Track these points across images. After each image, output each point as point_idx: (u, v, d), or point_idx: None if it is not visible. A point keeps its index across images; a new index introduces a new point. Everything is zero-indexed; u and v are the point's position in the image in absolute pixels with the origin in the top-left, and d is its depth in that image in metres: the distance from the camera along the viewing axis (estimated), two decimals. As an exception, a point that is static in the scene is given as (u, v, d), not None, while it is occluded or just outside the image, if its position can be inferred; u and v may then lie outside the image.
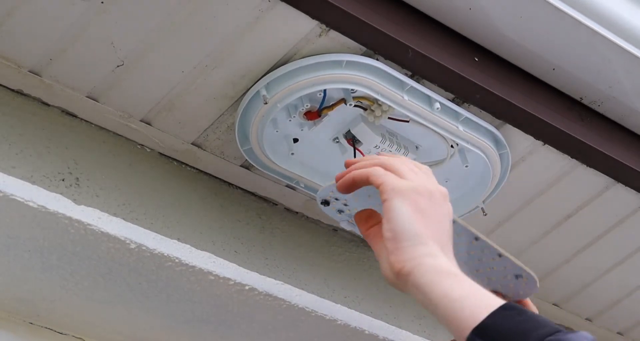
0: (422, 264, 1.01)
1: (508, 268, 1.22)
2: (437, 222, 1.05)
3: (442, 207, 1.07)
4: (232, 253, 1.31)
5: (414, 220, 1.04)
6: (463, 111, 1.29)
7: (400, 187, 1.05)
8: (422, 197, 1.05)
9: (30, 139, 1.21)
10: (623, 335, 1.71)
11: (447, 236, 1.06)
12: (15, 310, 1.24)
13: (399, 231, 1.04)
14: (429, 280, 1.00)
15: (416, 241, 1.03)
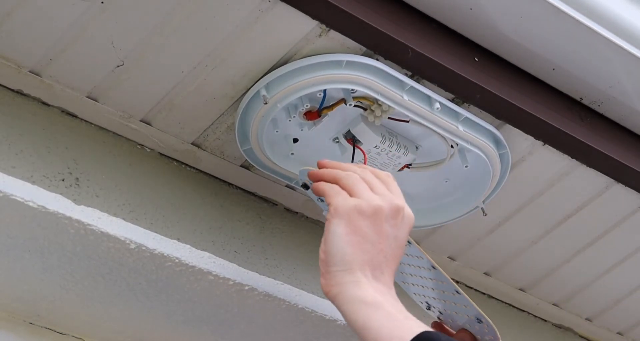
0: (345, 291, 1.03)
1: (468, 309, 1.21)
2: (377, 242, 1.06)
3: (390, 224, 1.08)
4: (232, 253, 1.31)
5: (347, 245, 1.05)
6: (463, 111, 1.29)
7: (342, 208, 1.07)
8: (364, 217, 1.06)
9: (30, 139, 1.21)
10: (623, 335, 1.71)
11: (389, 255, 1.07)
12: (15, 310, 1.24)
13: (330, 255, 1.06)
14: (349, 308, 1.02)
15: (344, 267, 1.04)
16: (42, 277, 1.20)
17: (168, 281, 1.22)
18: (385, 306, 1.02)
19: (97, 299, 1.24)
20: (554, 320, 1.67)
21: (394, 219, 1.08)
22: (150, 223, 1.25)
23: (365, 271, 1.05)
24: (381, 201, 1.08)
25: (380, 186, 1.11)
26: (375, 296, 1.03)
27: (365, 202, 1.07)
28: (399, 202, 1.09)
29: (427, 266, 1.19)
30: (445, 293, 1.24)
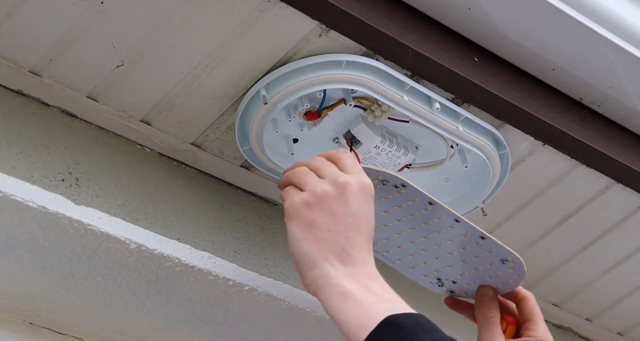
0: (319, 288, 1.05)
1: (493, 253, 1.22)
2: (332, 226, 1.07)
3: (340, 202, 1.08)
4: (232, 253, 1.31)
5: (304, 242, 1.06)
6: (463, 111, 1.29)
7: (290, 208, 1.08)
8: (312, 208, 1.07)
9: (30, 139, 1.21)
10: (623, 335, 1.71)
11: (351, 232, 1.07)
12: (15, 310, 1.24)
13: (295, 256, 1.07)
14: (325, 304, 1.04)
15: (310, 264, 1.06)
16: (42, 277, 1.20)
17: (168, 282, 1.22)
18: (355, 294, 1.03)
19: (97, 299, 1.24)
20: (554, 320, 1.67)
21: (342, 196, 1.08)
22: (150, 223, 1.25)
23: (330, 260, 1.06)
24: (325, 184, 1.09)
25: (327, 168, 1.11)
26: (344, 285, 1.04)
27: (309, 193, 1.08)
28: (342, 178, 1.09)
29: (448, 220, 1.19)
30: (467, 250, 1.23)
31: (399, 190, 1.18)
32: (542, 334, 1.24)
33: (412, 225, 1.23)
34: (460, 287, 1.28)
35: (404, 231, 1.24)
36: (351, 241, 1.07)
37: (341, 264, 1.06)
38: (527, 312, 1.25)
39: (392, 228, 1.24)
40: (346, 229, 1.07)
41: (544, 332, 1.24)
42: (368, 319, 1.00)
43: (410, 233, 1.24)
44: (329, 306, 1.04)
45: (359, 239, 1.08)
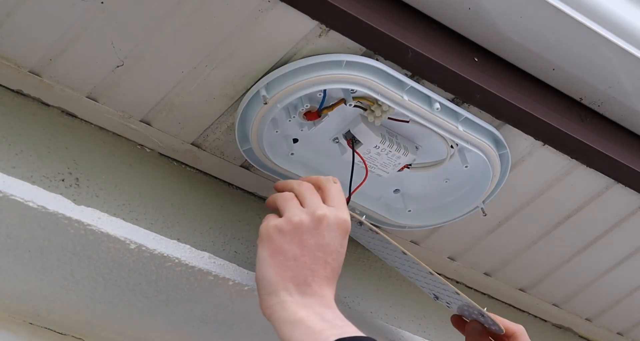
0: (274, 314, 1.08)
1: (471, 307, 1.28)
2: (299, 256, 1.09)
3: (312, 234, 1.11)
4: (232, 253, 1.31)
5: (269, 267, 1.09)
6: (463, 111, 1.29)
7: (264, 231, 1.11)
8: (284, 235, 1.10)
9: (30, 139, 1.21)
10: (623, 335, 1.71)
11: (316, 265, 1.09)
12: (15, 310, 1.24)
13: (257, 279, 1.10)
14: (278, 330, 1.07)
15: (270, 290, 1.09)
16: (42, 277, 1.20)
17: (168, 282, 1.22)
18: (306, 321, 1.05)
19: (97, 299, 1.24)
20: (554, 320, 1.67)
21: (316, 229, 1.11)
22: (150, 224, 1.25)
23: (289, 289, 1.08)
24: (302, 214, 1.12)
25: (310, 197, 1.14)
26: (297, 313, 1.06)
27: (284, 220, 1.11)
28: (320, 211, 1.12)
29: (423, 272, 1.25)
30: (449, 298, 1.27)
31: (372, 235, 1.24)
32: None
33: (395, 259, 1.28)
34: (454, 309, 1.33)
35: (394, 260, 1.30)
36: (314, 273, 1.10)
37: (299, 294, 1.08)
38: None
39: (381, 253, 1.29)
40: (312, 261, 1.10)
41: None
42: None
43: (398, 263, 1.30)
44: (280, 332, 1.06)
45: (323, 272, 1.10)
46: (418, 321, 1.48)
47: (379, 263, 1.49)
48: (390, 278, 1.49)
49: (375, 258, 1.48)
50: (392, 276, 1.50)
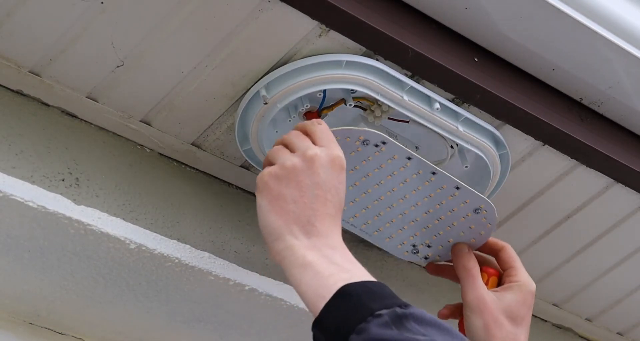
0: (283, 260, 1.07)
1: (467, 204, 1.27)
2: (298, 198, 1.09)
3: (307, 174, 1.10)
4: (232, 253, 1.31)
5: (270, 214, 1.09)
6: (463, 111, 1.29)
7: (259, 181, 1.11)
8: (279, 180, 1.10)
9: (30, 139, 1.21)
10: (623, 335, 1.71)
11: (317, 204, 1.09)
12: (15, 310, 1.24)
13: (262, 229, 1.10)
14: (288, 276, 1.07)
15: (275, 236, 1.08)
16: (42, 277, 1.20)
17: (168, 282, 1.22)
18: (315, 265, 1.05)
19: (97, 299, 1.24)
20: (554, 320, 1.67)
21: (309, 169, 1.10)
22: (150, 224, 1.25)
23: (294, 232, 1.08)
24: (293, 158, 1.11)
25: (299, 142, 1.13)
26: (306, 256, 1.06)
27: (278, 166, 1.11)
28: (311, 151, 1.11)
29: (425, 175, 1.24)
30: (441, 206, 1.28)
31: (379, 149, 1.21)
32: (522, 278, 1.28)
33: (390, 188, 1.25)
34: (435, 250, 1.32)
35: (383, 196, 1.27)
36: (316, 212, 1.09)
37: (305, 236, 1.08)
38: (506, 261, 1.30)
39: (371, 196, 1.27)
40: (312, 201, 1.09)
41: (525, 276, 1.29)
42: (325, 289, 1.02)
43: (388, 198, 1.27)
44: (290, 277, 1.06)
45: (325, 210, 1.09)
46: (418, 321, 1.48)
47: (379, 263, 1.49)
48: (390, 278, 1.49)
49: (375, 258, 1.48)
50: (392, 276, 1.50)
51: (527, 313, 1.27)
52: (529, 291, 1.27)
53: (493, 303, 1.25)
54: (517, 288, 1.27)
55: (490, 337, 1.24)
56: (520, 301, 1.26)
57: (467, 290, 1.26)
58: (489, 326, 1.24)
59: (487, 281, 1.29)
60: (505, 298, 1.26)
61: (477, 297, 1.25)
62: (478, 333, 1.25)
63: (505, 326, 1.25)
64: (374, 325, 0.97)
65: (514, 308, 1.26)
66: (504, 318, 1.25)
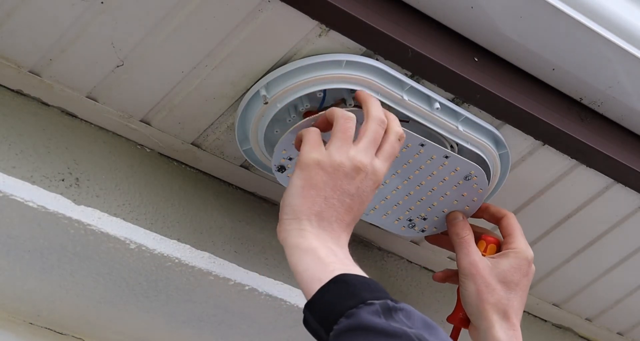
0: (289, 238, 1.11)
1: (457, 172, 1.29)
2: (330, 197, 1.12)
3: (347, 181, 1.13)
4: (232, 253, 1.31)
5: (299, 197, 1.11)
6: (463, 111, 1.29)
7: (304, 161, 1.13)
8: (323, 172, 1.12)
9: (30, 139, 1.21)
10: (623, 335, 1.71)
11: (342, 210, 1.12)
12: (15, 310, 1.24)
13: (285, 203, 1.12)
14: (288, 252, 1.11)
15: (293, 216, 1.11)
16: (42, 277, 1.20)
17: (168, 282, 1.22)
18: (318, 251, 1.09)
19: (97, 299, 1.24)
20: (554, 320, 1.67)
21: (352, 178, 1.13)
22: (150, 224, 1.25)
23: (311, 220, 1.11)
24: (344, 157, 1.13)
25: (365, 147, 1.14)
26: (312, 242, 1.10)
27: (327, 158, 1.12)
28: (362, 160, 1.13)
29: (414, 148, 1.26)
30: (432, 177, 1.30)
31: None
32: (519, 246, 1.31)
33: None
34: (431, 222, 1.35)
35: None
36: (338, 216, 1.12)
37: (319, 227, 1.11)
38: (506, 228, 1.33)
39: None
40: (339, 205, 1.12)
41: (522, 244, 1.32)
42: (323, 274, 1.06)
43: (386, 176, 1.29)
44: (291, 256, 1.10)
45: (346, 217, 1.13)
46: (418, 321, 1.48)
47: (379, 263, 1.49)
48: (390, 278, 1.49)
49: (375, 258, 1.48)
50: (392, 276, 1.50)
51: (521, 280, 1.30)
52: (524, 257, 1.30)
53: (486, 268, 1.29)
54: (512, 254, 1.30)
55: (482, 302, 1.27)
56: (514, 267, 1.29)
57: (461, 256, 1.30)
58: (481, 291, 1.28)
59: (486, 249, 1.33)
60: (500, 264, 1.29)
61: (470, 262, 1.29)
62: (471, 298, 1.28)
63: (497, 291, 1.28)
64: (365, 311, 1.00)
65: (508, 274, 1.29)
66: (496, 283, 1.28)
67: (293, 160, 1.23)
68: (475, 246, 1.31)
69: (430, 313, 1.46)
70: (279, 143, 1.21)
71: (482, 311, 1.27)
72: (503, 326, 1.27)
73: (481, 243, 1.33)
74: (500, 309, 1.27)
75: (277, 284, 1.28)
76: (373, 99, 1.19)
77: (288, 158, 1.23)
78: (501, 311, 1.27)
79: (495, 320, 1.27)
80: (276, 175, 1.25)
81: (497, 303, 1.28)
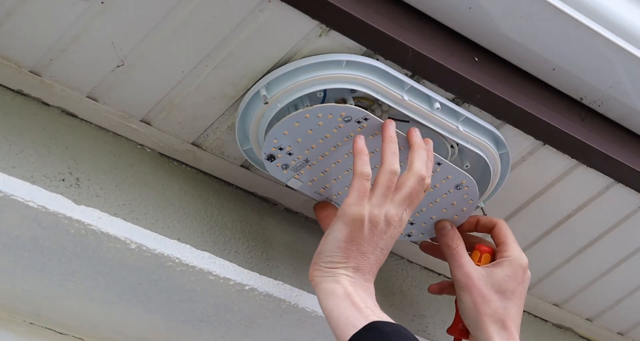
0: (324, 283, 1.16)
1: (449, 180, 1.29)
2: (367, 252, 1.17)
3: (380, 236, 1.18)
4: (232, 253, 1.31)
5: (340, 251, 1.17)
6: (463, 111, 1.29)
7: (350, 214, 1.17)
8: (364, 228, 1.17)
9: (30, 139, 1.21)
10: (623, 335, 1.71)
11: (374, 263, 1.19)
12: (15, 310, 1.24)
13: (324, 250, 1.18)
14: (322, 297, 1.16)
15: (331, 265, 1.17)
16: (42, 277, 1.20)
17: (168, 281, 1.22)
18: (353, 298, 1.14)
19: (97, 299, 1.24)
20: (554, 320, 1.67)
21: (384, 233, 1.19)
22: (150, 223, 1.25)
23: (348, 270, 1.17)
24: (382, 214, 1.18)
25: (399, 194, 1.19)
26: (347, 289, 1.15)
27: (369, 214, 1.17)
28: (395, 215, 1.19)
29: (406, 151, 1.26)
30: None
31: (361, 125, 1.23)
32: (513, 253, 1.31)
33: (373, 165, 1.25)
34: (418, 227, 1.35)
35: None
36: (371, 268, 1.19)
37: (354, 276, 1.17)
38: (498, 236, 1.33)
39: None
40: (374, 259, 1.19)
41: (515, 251, 1.32)
42: (357, 320, 1.11)
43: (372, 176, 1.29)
44: (327, 301, 1.15)
45: (374, 268, 1.19)
46: (418, 321, 1.48)
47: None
48: (391, 278, 1.49)
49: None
50: (393, 275, 1.50)
51: (516, 287, 1.30)
52: (518, 265, 1.30)
53: (480, 279, 1.29)
54: (506, 262, 1.30)
55: (479, 313, 1.27)
56: (509, 275, 1.29)
57: (453, 268, 1.30)
58: (477, 302, 1.28)
59: (480, 258, 1.32)
60: (494, 273, 1.29)
61: (464, 274, 1.29)
62: (468, 309, 1.29)
63: (493, 301, 1.28)
64: None
65: (503, 283, 1.29)
66: (492, 293, 1.28)
67: (284, 150, 1.23)
68: (468, 256, 1.31)
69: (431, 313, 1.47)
70: (271, 132, 1.21)
71: (480, 323, 1.27)
72: (502, 337, 1.27)
73: (475, 253, 1.33)
74: (498, 319, 1.27)
75: (277, 284, 1.28)
76: (421, 150, 1.22)
77: (279, 148, 1.23)
78: (499, 321, 1.27)
79: (494, 331, 1.27)
80: (265, 163, 1.25)
81: (494, 313, 1.27)
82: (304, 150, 1.24)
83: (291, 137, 1.22)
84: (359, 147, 1.20)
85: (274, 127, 1.21)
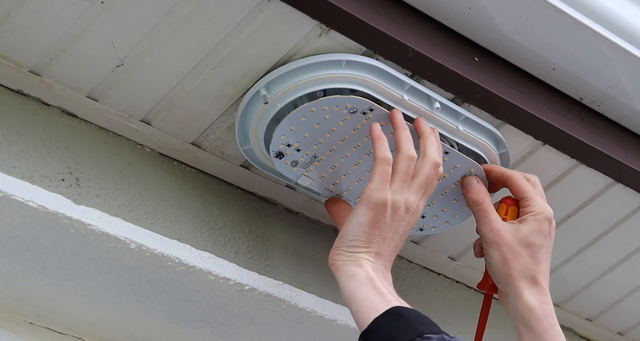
0: (345, 266, 1.16)
1: (457, 169, 1.30)
2: (388, 238, 1.18)
3: (399, 222, 1.18)
4: (232, 253, 1.31)
5: (363, 235, 1.17)
6: (463, 111, 1.29)
7: (373, 199, 1.17)
8: (387, 213, 1.17)
9: (30, 139, 1.21)
10: (623, 335, 1.71)
11: (393, 248, 1.19)
12: (15, 310, 1.24)
13: (347, 234, 1.18)
14: (344, 281, 1.16)
15: (353, 250, 1.17)
16: (42, 277, 1.20)
17: (168, 281, 1.22)
18: (375, 282, 1.14)
19: (97, 299, 1.24)
20: (554, 320, 1.67)
21: (403, 220, 1.19)
22: (150, 223, 1.25)
23: (370, 255, 1.17)
24: (402, 200, 1.18)
25: (416, 181, 1.19)
26: (369, 273, 1.15)
27: (391, 199, 1.17)
28: (412, 202, 1.19)
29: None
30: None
31: (367, 117, 1.23)
32: (536, 208, 1.28)
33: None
34: (430, 221, 1.35)
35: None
36: (390, 254, 1.19)
37: (375, 261, 1.17)
38: (517, 191, 1.30)
39: (363, 166, 1.28)
40: (394, 245, 1.19)
41: (538, 205, 1.29)
42: (380, 304, 1.11)
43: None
44: (348, 284, 1.15)
45: (393, 255, 1.19)
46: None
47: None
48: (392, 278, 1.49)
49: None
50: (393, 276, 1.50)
51: (544, 242, 1.27)
52: (544, 218, 1.27)
53: (509, 234, 1.26)
54: (531, 218, 1.27)
55: (509, 269, 1.25)
56: (536, 230, 1.27)
57: (481, 224, 1.28)
58: (507, 258, 1.25)
59: (507, 212, 1.30)
60: (521, 229, 1.27)
61: (492, 230, 1.27)
62: (497, 266, 1.26)
63: (523, 256, 1.26)
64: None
65: (531, 238, 1.26)
66: (521, 248, 1.26)
67: (292, 146, 1.23)
68: (495, 212, 1.28)
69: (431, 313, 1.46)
70: (278, 128, 1.21)
71: (510, 279, 1.25)
72: (532, 292, 1.25)
73: (502, 206, 1.30)
74: (528, 275, 1.25)
75: (277, 284, 1.28)
76: (432, 137, 1.22)
77: (287, 145, 1.23)
78: (529, 277, 1.25)
79: (524, 287, 1.25)
80: (274, 161, 1.24)
81: (524, 269, 1.25)
82: (312, 146, 1.24)
83: (298, 133, 1.22)
84: (377, 133, 1.19)
85: (281, 123, 1.21)
